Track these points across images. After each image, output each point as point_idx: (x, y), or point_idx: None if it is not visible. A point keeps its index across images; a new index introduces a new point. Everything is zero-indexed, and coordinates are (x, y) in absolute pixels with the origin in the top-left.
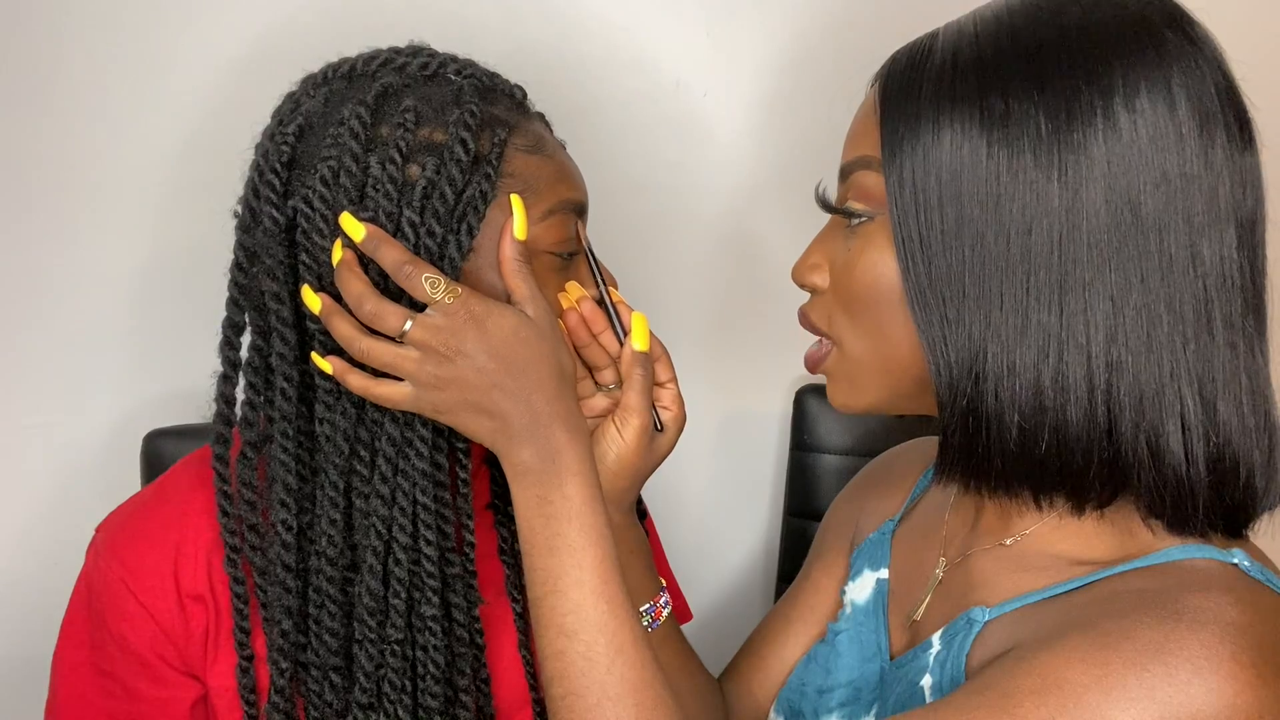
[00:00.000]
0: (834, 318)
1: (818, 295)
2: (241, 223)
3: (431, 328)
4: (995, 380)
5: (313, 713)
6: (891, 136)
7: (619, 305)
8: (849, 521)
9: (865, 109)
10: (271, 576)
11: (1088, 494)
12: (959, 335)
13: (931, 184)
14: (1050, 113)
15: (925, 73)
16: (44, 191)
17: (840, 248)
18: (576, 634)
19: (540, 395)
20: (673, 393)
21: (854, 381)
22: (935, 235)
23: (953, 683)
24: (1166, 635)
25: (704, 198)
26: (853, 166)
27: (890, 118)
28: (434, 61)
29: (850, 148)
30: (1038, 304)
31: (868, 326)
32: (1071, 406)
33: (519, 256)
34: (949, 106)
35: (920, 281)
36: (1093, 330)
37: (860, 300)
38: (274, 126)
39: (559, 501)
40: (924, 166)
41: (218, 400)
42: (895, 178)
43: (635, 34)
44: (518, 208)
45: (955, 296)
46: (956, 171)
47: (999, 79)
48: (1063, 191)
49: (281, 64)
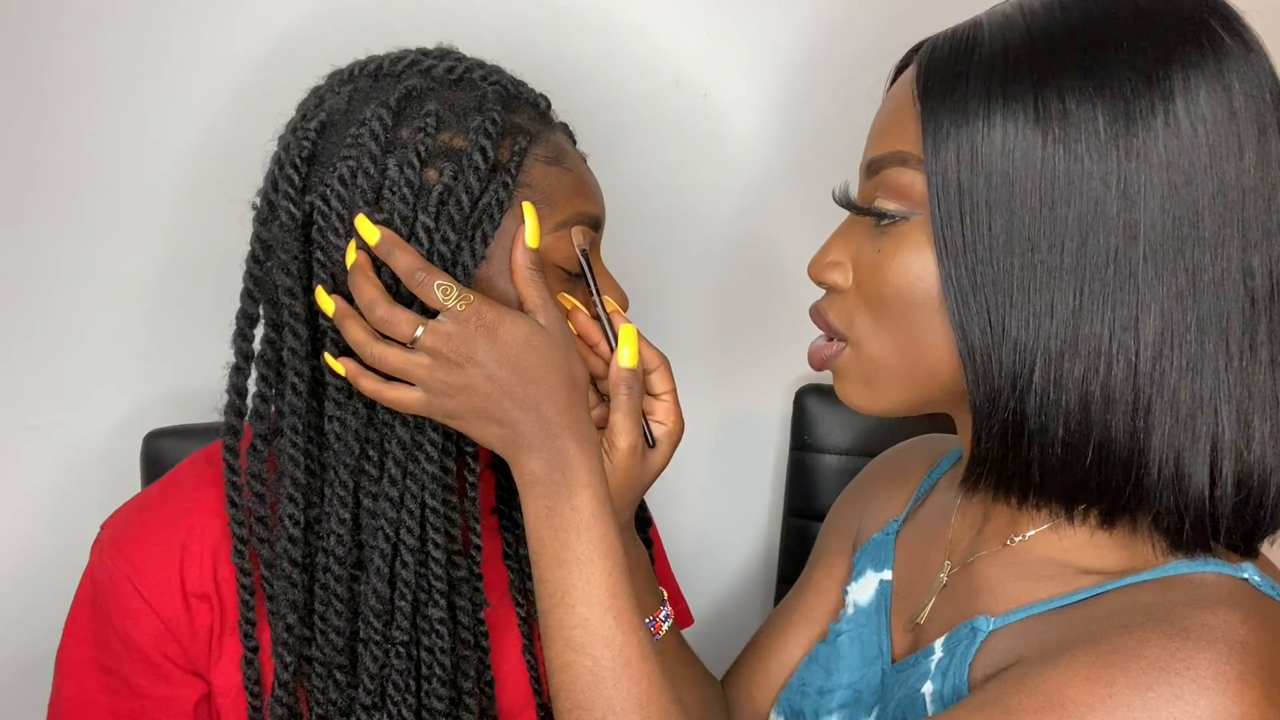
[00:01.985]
0: (855, 319)
1: (836, 294)
2: (259, 215)
3: (443, 334)
4: (1041, 393)
5: (316, 710)
6: (935, 131)
7: (613, 316)
8: (851, 521)
9: (898, 102)
10: (278, 570)
11: (1122, 511)
12: (1004, 345)
13: (980, 185)
14: (1110, 114)
15: (972, 65)
16: (45, 191)
17: (866, 247)
18: (583, 648)
19: (551, 405)
20: (668, 405)
21: (872, 383)
22: (983, 239)
23: (954, 692)
24: (1173, 654)
25: (704, 198)
26: (884, 162)
27: (933, 111)
28: (460, 66)
29: (880, 142)
30: (1089, 315)
31: (895, 330)
32: (1117, 421)
33: (531, 265)
34: (1000, 102)
35: (963, 288)
36: (1142, 345)
37: (890, 303)
38: (297, 120)
39: (568, 513)
40: (971, 165)
41: (229, 391)
42: (939, 177)
43: (634, 33)
44: (530, 216)
45: (1001, 305)
46: (1008, 173)
47: (1055, 75)
48: (1121, 201)
49: (283, 64)
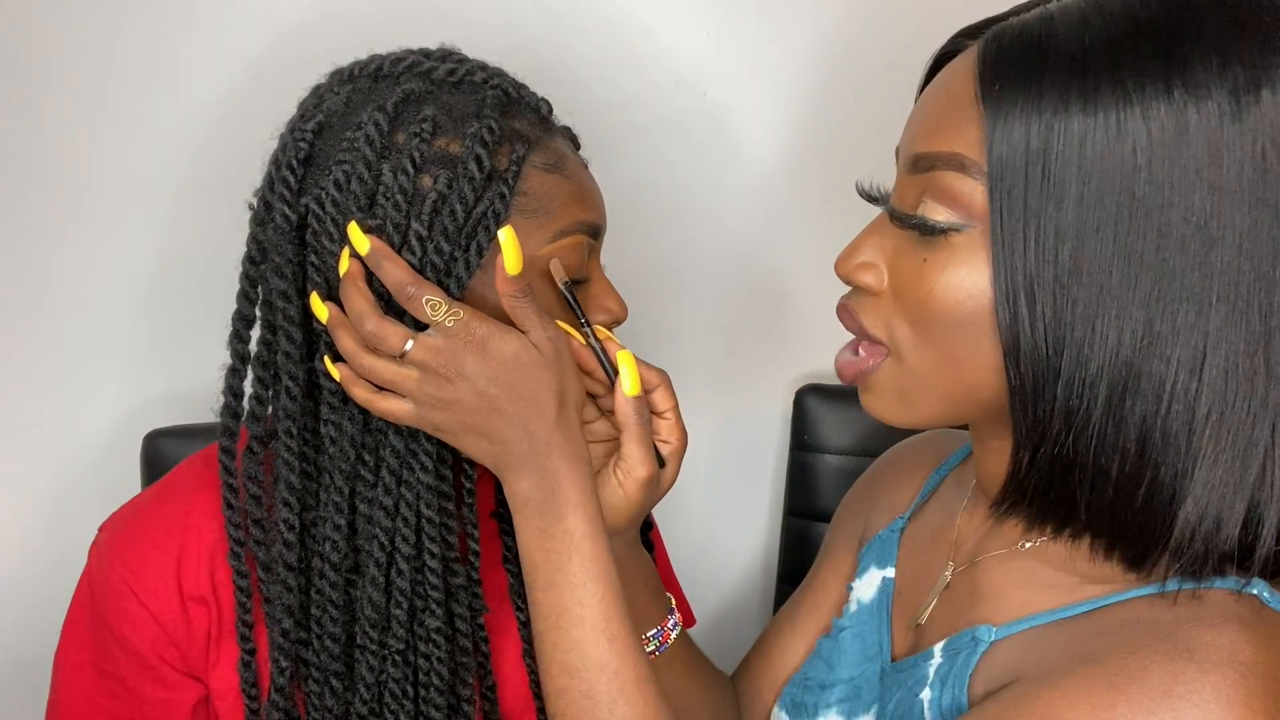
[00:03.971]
0: (895, 327)
1: (868, 296)
2: (256, 216)
3: (432, 349)
4: (1099, 430)
5: (313, 715)
6: (1004, 143)
7: (606, 343)
8: (858, 518)
9: (952, 96)
10: (273, 574)
11: (1150, 550)
12: (1060, 378)
13: (1050, 208)
14: (1199, 148)
15: (1046, 72)
16: (44, 192)
17: (907, 251)
18: (578, 672)
19: (540, 422)
20: (671, 422)
21: (907, 397)
22: (1048, 265)
23: (953, 702)
24: (1176, 677)
25: (704, 197)
26: (935, 162)
27: (1002, 120)
28: (461, 68)
29: (930, 137)
30: (1156, 353)
31: (938, 346)
32: (1168, 463)
33: (516, 293)
34: (1079, 117)
35: (1020, 314)
36: (1205, 387)
37: (935, 318)
38: (296, 120)
39: (559, 535)
40: (1042, 187)
41: (225, 393)
42: (1005, 194)
43: (634, 33)
44: (509, 242)
45: (1061, 335)
46: (1082, 198)
47: (1139, 96)
48: (1200, 237)
49: (284, 63)
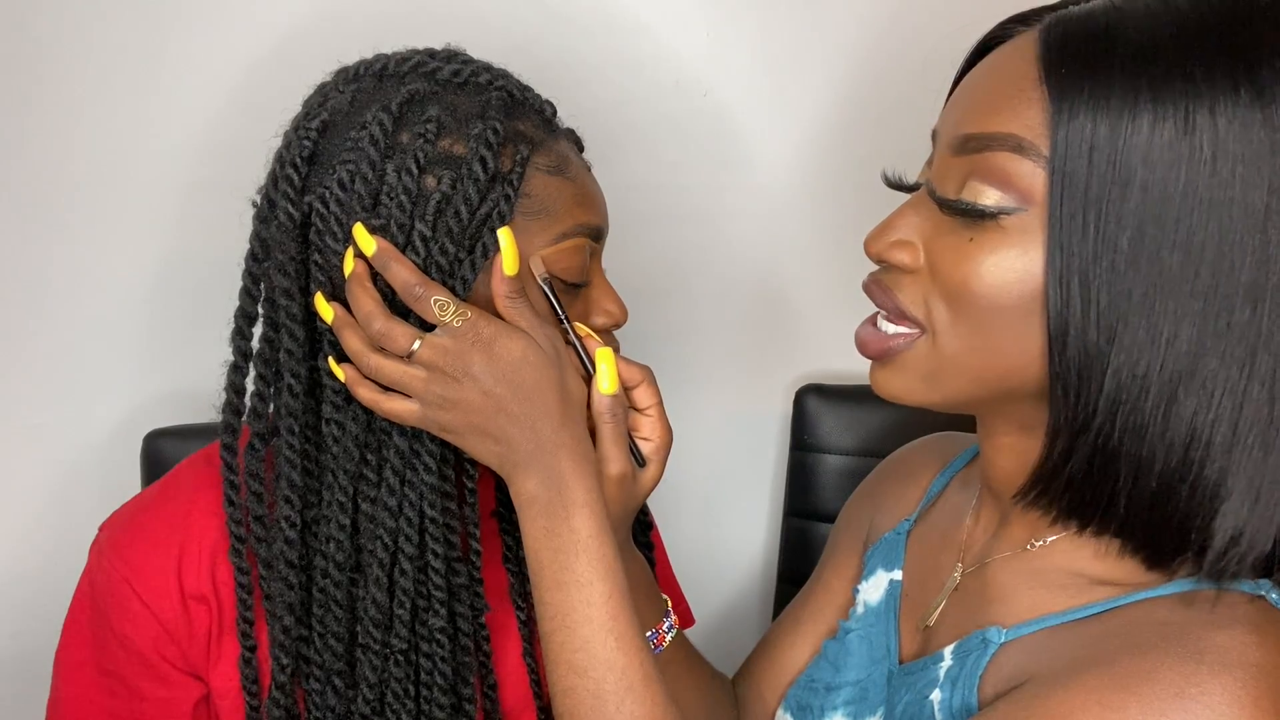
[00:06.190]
0: (933, 305)
1: (903, 274)
2: (259, 213)
3: (439, 349)
4: (1147, 423)
5: (314, 714)
6: (1068, 125)
7: (586, 340)
8: (863, 521)
9: (1009, 77)
10: (274, 571)
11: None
12: (1109, 368)
13: (1115, 193)
14: (1266, 141)
15: (1116, 57)
16: (45, 191)
17: (947, 230)
18: (585, 671)
19: (546, 422)
20: (653, 420)
21: (934, 378)
22: (1107, 253)
23: (964, 704)
24: (1187, 679)
25: (703, 197)
26: (989, 143)
27: (1066, 102)
28: (466, 69)
29: (982, 117)
30: (1212, 349)
31: (976, 327)
32: (1213, 462)
33: (511, 293)
34: (1148, 105)
35: (1072, 300)
36: (1254, 385)
37: (977, 299)
38: (300, 118)
39: (566, 535)
40: (1109, 172)
41: (228, 390)
42: (1066, 177)
43: (634, 33)
44: (507, 242)
45: (1114, 324)
46: (1148, 185)
47: (1208, 88)
48: (1261, 236)
49: (286, 62)
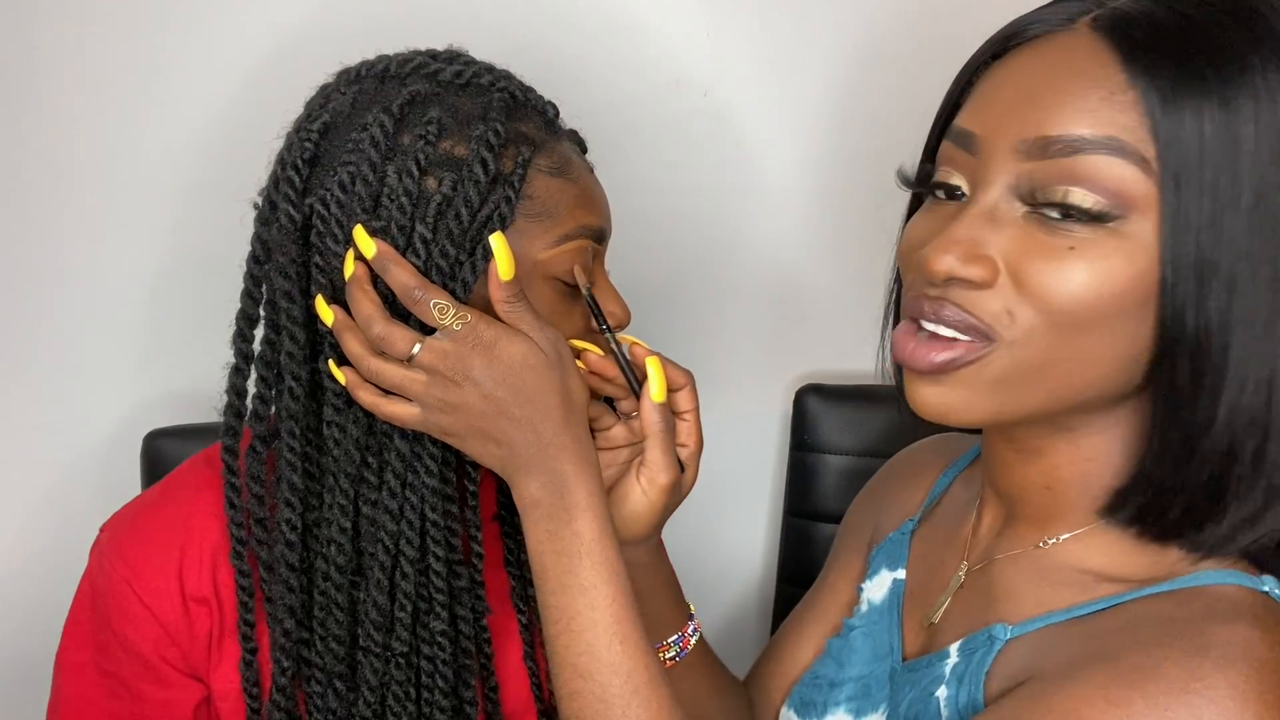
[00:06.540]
0: (1020, 316)
1: (975, 289)
2: (260, 215)
3: (439, 352)
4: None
5: (315, 716)
6: (1180, 131)
7: (634, 348)
8: (867, 521)
9: (1085, 80)
10: (275, 574)
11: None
12: (1229, 371)
13: (1226, 199)
14: None
15: (1207, 52)
16: (46, 191)
17: (1033, 238)
18: (591, 675)
19: (548, 424)
20: (690, 424)
21: (1003, 390)
22: (1224, 259)
23: (970, 700)
24: (1191, 673)
25: (703, 197)
26: (1080, 147)
27: (1174, 107)
28: (468, 70)
29: (1065, 121)
30: None
31: (1070, 336)
32: None
33: (509, 297)
34: (1259, 103)
35: (1188, 304)
36: None
37: (1083, 308)
38: (302, 120)
39: (569, 538)
40: (1223, 178)
41: (229, 392)
42: (1180, 186)
43: (634, 34)
44: (500, 248)
45: (1231, 325)
46: (1267, 188)
47: None
48: None
49: (287, 63)
